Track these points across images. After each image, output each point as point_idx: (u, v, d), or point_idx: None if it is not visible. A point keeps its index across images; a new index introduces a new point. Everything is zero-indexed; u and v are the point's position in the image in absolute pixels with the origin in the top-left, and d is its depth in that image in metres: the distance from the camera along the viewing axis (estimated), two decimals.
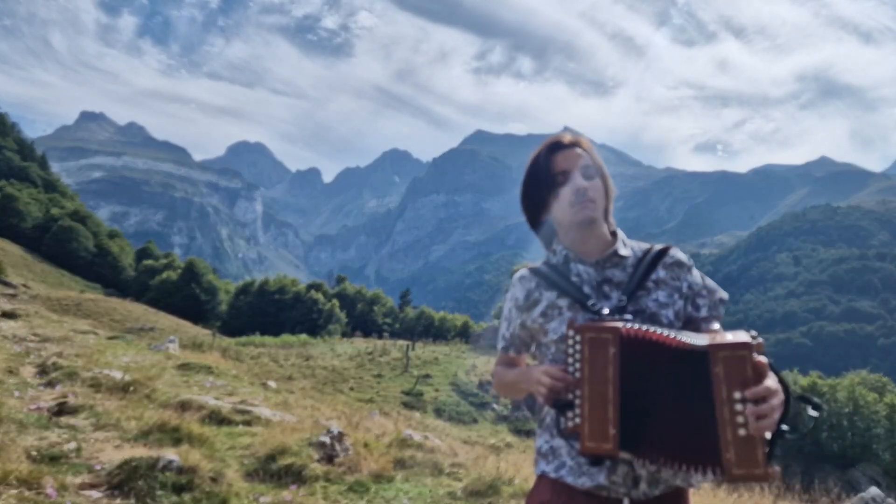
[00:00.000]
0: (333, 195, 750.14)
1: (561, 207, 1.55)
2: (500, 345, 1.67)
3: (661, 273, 1.53)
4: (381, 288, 76.82)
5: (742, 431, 1.18)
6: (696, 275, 1.56)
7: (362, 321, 56.30)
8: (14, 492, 2.89)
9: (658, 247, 1.58)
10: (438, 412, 23.08)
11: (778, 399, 1.19)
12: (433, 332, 53.47)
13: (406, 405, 22.58)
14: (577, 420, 1.34)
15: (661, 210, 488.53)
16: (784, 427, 1.21)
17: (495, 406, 25.90)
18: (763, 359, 1.21)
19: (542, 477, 1.52)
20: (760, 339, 1.23)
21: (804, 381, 35.29)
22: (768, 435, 1.20)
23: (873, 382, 37.81)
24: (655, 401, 1.28)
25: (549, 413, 1.54)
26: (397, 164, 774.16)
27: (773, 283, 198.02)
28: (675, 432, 1.27)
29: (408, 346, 34.82)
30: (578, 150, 1.56)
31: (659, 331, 1.30)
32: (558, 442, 1.49)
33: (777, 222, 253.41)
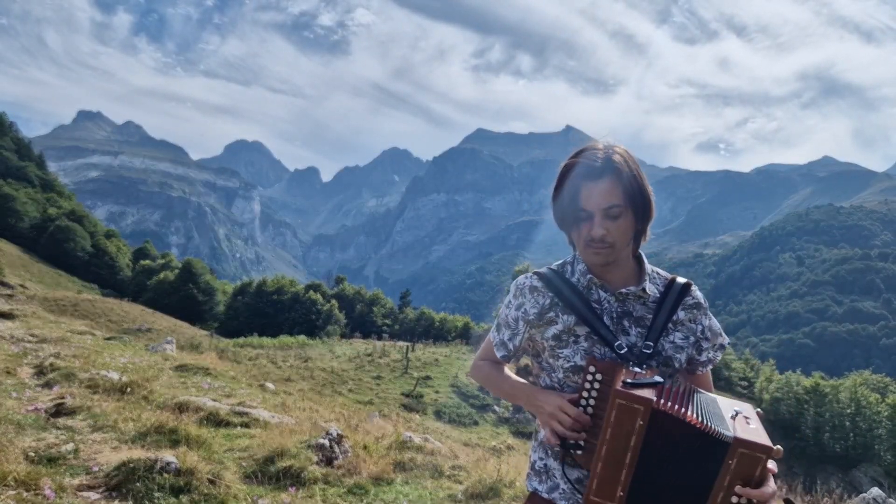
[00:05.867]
0: (332, 194, 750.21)
1: (578, 243, 1.53)
2: (500, 353, 1.63)
3: (680, 314, 1.53)
4: (380, 288, 76.75)
5: None
6: (709, 317, 1.58)
7: (361, 322, 56.24)
8: (12, 493, 2.88)
9: (680, 282, 1.56)
10: (439, 414, 23.05)
11: None
12: (433, 333, 53.40)
13: (406, 407, 22.53)
14: (579, 452, 1.40)
15: (665, 210, 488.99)
16: None
17: (496, 408, 25.88)
18: (774, 467, 1.28)
19: (534, 495, 1.53)
20: (780, 447, 1.29)
21: (807, 381, 35.35)
22: None
23: (876, 383, 37.95)
24: (664, 471, 1.32)
25: (543, 429, 1.53)
26: (397, 163, 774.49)
27: (777, 284, 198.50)
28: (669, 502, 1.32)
29: (407, 347, 34.78)
30: (607, 184, 1.45)
31: (688, 411, 1.31)
32: (553, 462, 1.50)
33: (780, 222, 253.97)
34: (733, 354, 52.19)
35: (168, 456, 3.54)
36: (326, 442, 4.64)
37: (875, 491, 6.56)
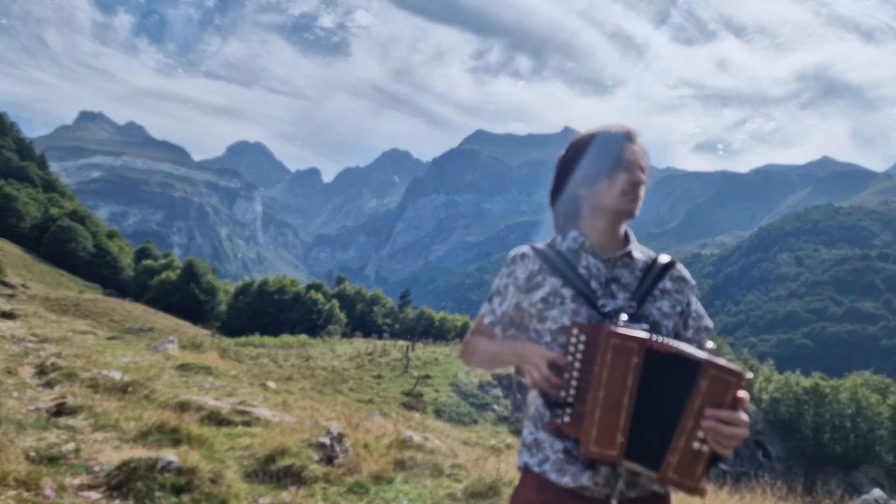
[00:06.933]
0: (333, 195, 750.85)
1: (611, 191, 1.54)
2: (488, 319, 1.64)
3: (667, 284, 1.56)
4: (380, 288, 76.79)
5: (696, 445, 1.26)
6: (695, 297, 1.61)
7: (362, 321, 56.28)
8: (13, 493, 2.88)
9: (665, 258, 1.59)
10: (438, 413, 23.04)
11: (744, 432, 1.26)
12: (433, 332, 53.44)
13: (406, 406, 22.55)
14: (567, 419, 1.37)
15: (663, 210, 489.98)
16: (723, 462, 1.30)
17: (495, 407, 25.90)
18: (745, 395, 1.28)
19: (526, 471, 1.52)
20: (751, 376, 1.29)
21: (806, 382, 35.22)
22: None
23: (876, 384, 37.88)
24: (655, 410, 1.31)
25: (533, 404, 1.54)
26: (397, 163, 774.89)
27: (775, 284, 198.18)
28: (650, 435, 1.31)
29: (408, 346, 34.79)
30: (642, 148, 1.58)
31: (676, 344, 1.32)
32: (542, 435, 1.49)
33: (779, 222, 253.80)
34: (731, 354, 52.19)
35: (169, 455, 3.55)
36: (327, 440, 4.65)
37: (876, 492, 6.57)
